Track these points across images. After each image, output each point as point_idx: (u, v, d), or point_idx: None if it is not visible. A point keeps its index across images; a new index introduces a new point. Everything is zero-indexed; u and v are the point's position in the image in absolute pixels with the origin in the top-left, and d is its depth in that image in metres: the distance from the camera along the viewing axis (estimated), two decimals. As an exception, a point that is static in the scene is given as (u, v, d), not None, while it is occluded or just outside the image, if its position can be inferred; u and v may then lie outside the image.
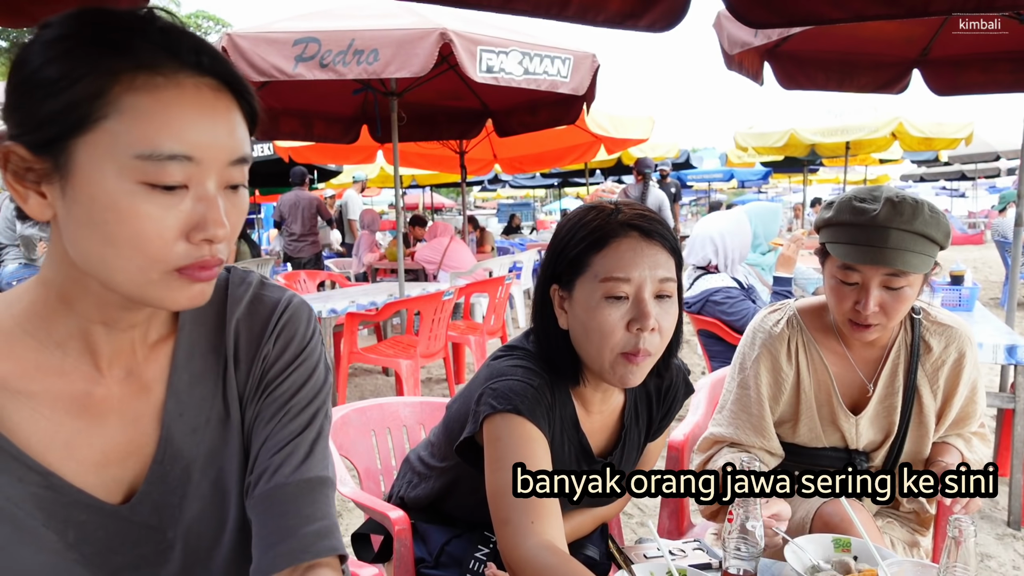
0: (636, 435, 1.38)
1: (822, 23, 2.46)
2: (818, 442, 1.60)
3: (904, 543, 1.58)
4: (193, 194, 0.68)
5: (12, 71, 0.67)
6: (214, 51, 0.70)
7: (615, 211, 1.16)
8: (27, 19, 2.01)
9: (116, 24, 0.67)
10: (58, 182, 0.67)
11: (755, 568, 1.07)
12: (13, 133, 0.67)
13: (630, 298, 1.12)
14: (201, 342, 0.85)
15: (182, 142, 0.66)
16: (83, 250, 0.68)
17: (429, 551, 1.41)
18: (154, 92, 0.66)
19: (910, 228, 1.39)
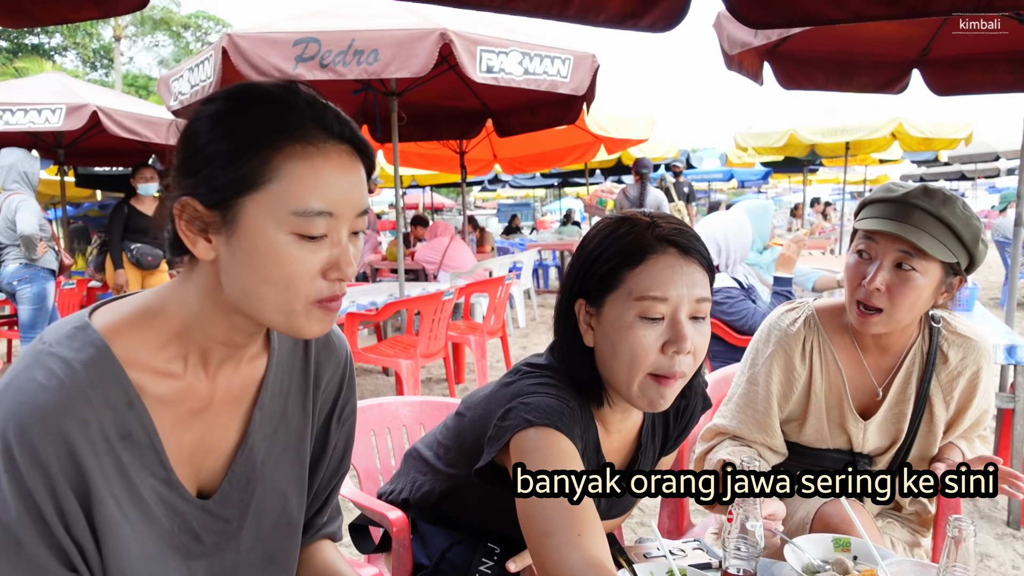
0: (651, 452, 1.35)
1: (822, 23, 2.46)
2: (823, 443, 1.59)
3: (904, 543, 1.59)
4: (330, 241, 0.83)
5: (186, 141, 0.82)
6: (348, 119, 0.84)
7: (651, 224, 1.10)
8: (27, 19, 2.01)
9: (272, 99, 0.81)
10: (224, 232, 0.80)
11: (755, 568, 1.07)
12: (188, 190, 0.80)
13: (666, 318, 1.07)
14: (289, 363, 1.00)
15: (327, 201, 0.81)
16: (241, 287, 0.82)
17: (429, 555, 1.39)
18: (308, 160, 0.80)
19: (935, 212, 1.38)
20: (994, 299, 8.72)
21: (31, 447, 0.75)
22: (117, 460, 0.81)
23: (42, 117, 5.59)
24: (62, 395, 0.77)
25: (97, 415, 0.79)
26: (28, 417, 0.75)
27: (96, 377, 0.79)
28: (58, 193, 8.26)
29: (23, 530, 0.75)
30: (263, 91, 0.82)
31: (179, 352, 0.86)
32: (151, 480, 0.85)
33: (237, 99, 0.82)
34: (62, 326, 0.84)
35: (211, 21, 31.11)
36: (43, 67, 22.55)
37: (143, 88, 26.20)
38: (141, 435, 0.83)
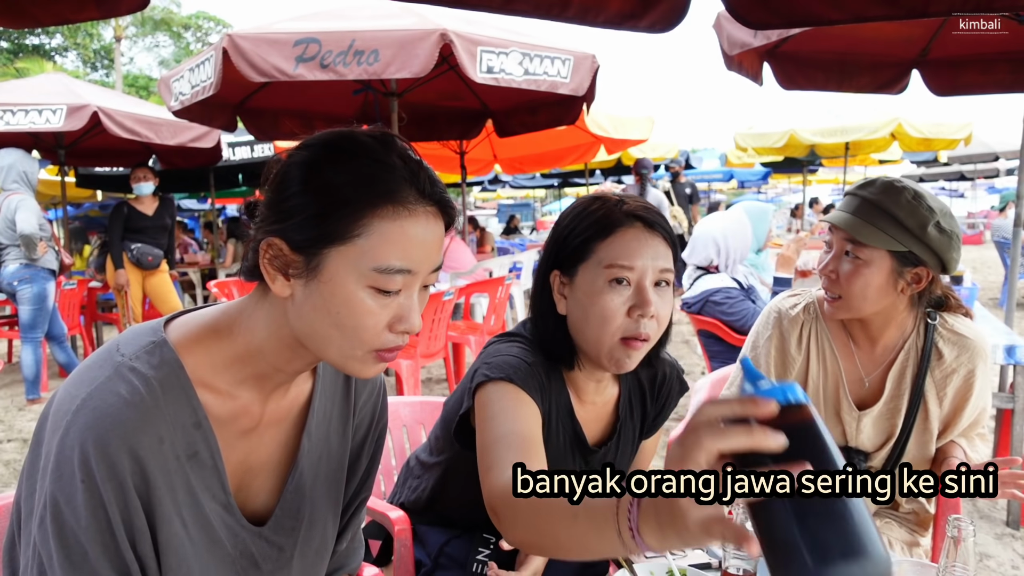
0: (631, 429, 1.39)
1: (821, 24, 2.46)
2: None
3: (903, 543, 1.59)
4: (403, 295, 0.84)
5: (280, 185, 0.83)
6: (436, 178, 0.86)
7: (619, 202, 1.20)
8: (28, 20, 2.01)
9: (372, 155, 0.82)
10: (304, 276, 0.82)
11: (755, 568, 1.08)
12: (279, 232, 0.82)
13: (632, 285, 1.16)
14: (332, 388, 1.02)
15: (408, 261, 0.82)
16: (311, 327, 0.84)
17: (427, 553, 1.41)
18: (398, 220, 0.81)
19: (875, 201, 1.44)
20: (994, 299, 8.72)
21: (109, 460, 0.76)
22: (186, 479, 0.83)
23: (43, 117, 5.59)
24: (143, 411, 0.79)
25: (171, 433, 0.81)
26: (109, 430, 0.76)
27: (171, 395, 0.81)
28: (58, 193, 8.26)
29: (90, 541, 0.76)
30: (360, 145, 0.83)
31: (240, 374, 0.88)
32: (213, 503, 0.86)
33: (334, 150, 0.83)
34: (139, 338, 0.85)
35: (211, 21, 31.12)
36: (44, 67, 22.56)
37: (144, 88, 26.20)
38: (206, 456, 0.85)
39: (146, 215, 5.80)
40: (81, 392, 0.79)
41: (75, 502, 0.76)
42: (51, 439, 0.79)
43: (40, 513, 0.78)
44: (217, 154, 6.95)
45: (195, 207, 16.42)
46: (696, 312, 3.40)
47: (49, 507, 0.77)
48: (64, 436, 0.77)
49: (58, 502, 0.76)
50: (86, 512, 0.76)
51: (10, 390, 5.63)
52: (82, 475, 0.76)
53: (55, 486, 0.77)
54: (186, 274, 8.93)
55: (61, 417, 0.79)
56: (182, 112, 4.61)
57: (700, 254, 3.42)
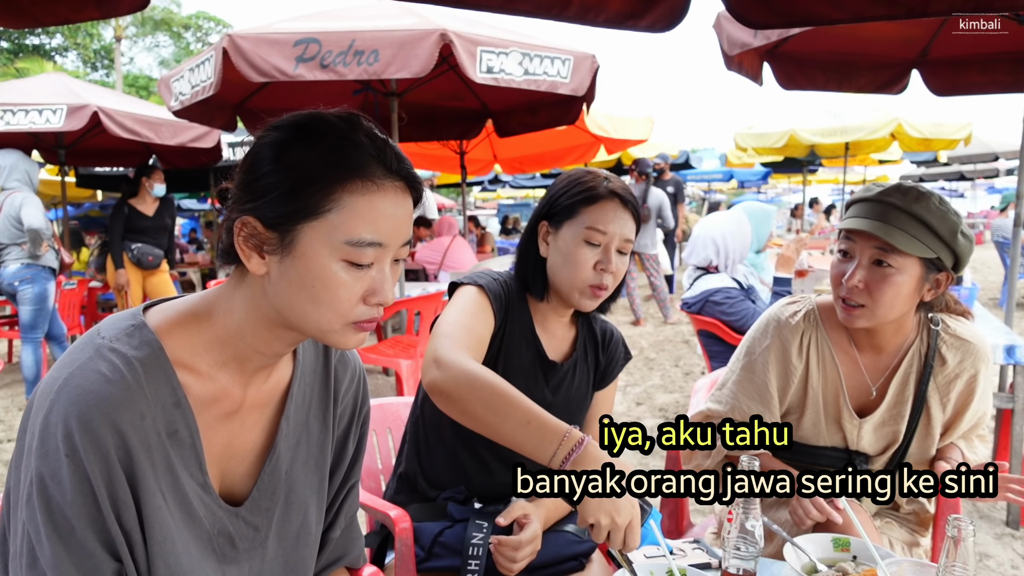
0: (586, 369, 1.61)
1: (821, 24, 2.46)
2: (820, 439, 1.59)
3: (903, 543, 1.59)
4: (375, 268, 0.88)
5: (251, 165, 0.87)
6: (402, 155, 0.90)
7: (606, 179, 1.48)
8: (28, 19, 2.01)
9: (338, 134, 0.86)
10: (279, 252, 0.85)
11: (755, 568, 1.08)
12: (250, 211, 0.85)
13: (601, 246, 1.44)
14: (312, 375, 1.04)
15: (379, 233, 0.86)
16: (288, 302, 0.87)
17: (422, 546, 1.44)
18: (367, 194, 0.85)
19: (908, 209, 1.41)
20: (993, 299, 8.72)
21: (93, 434, 0.78)
22: (166, 456, 0.85)
23: (43, 117, 5.59)
24: (124, 388, 0.81)
25: (151, 411, 0.83)
26: (92, 406, 0.79)
27: (151, 375, 0.83)
28: (59, 193, 8.26)
29: (76, 514, 0.78)
30: (328, 124, 0.87)
31: (220, 356, 0.90)
32: (191, 481, 0.89)
33: (303, 130, 0.87)
34: (118, 322, 0.88)
35: (211, 22, 31.12)
36: (44, 67, 22.56)
37: (144, 88, 26.20)
38: (185, 435, 0.87)
39: (146, 215, 5.80)
40: (63, 373, 0.82)
41: (60, 476, 0.78)
42: (35, 419, 0.81)
43: (27, 491, 0.80)
44: (217, 154, 6.95)
45: (195, 207, 16.42)
46: (696, 312, 3.40)
47: (35, 484, 0.79)
48: (48, 414, 0.79)
49: (44, 478, 0.78)
50: (71, 485, 0.78)
51: (10, 390, 5.63)
52: (66, 449, 0.78)
53: (40, 463, 0.79)
54: (186, 274, 8.93)
55: (44, 398, 0.81)
56: (182, 112, 4.61)
57: (699, 254, 3.42)
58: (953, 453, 1.56)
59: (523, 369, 1.50)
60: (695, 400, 2.00)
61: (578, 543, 1.48)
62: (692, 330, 3.71)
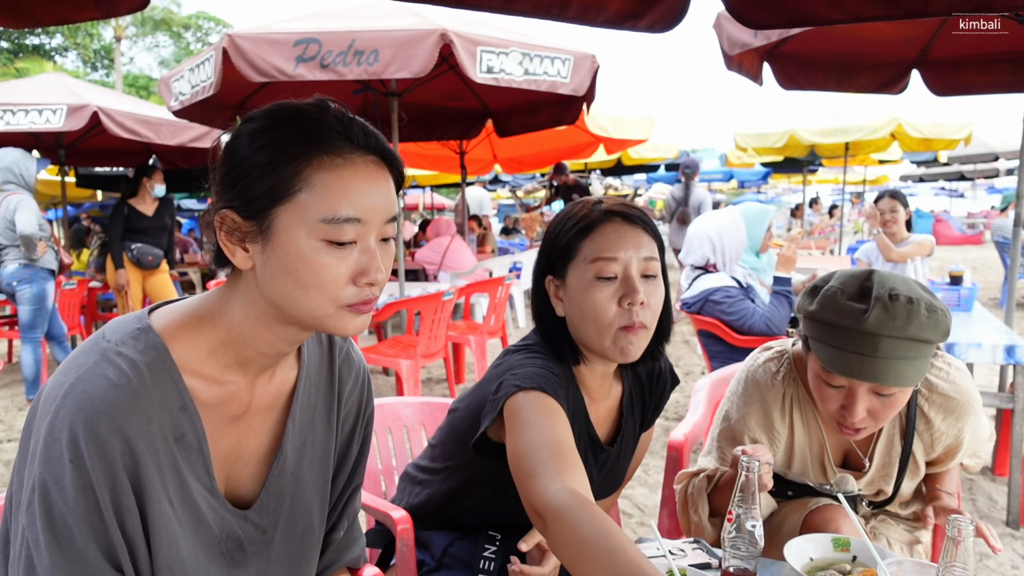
0: (632, 425, 1.44)
1: (821, 24, 2.46)
2: (809, 480, 1.56)
3: (903, 543, 1.59)
4: (359, 247, 0.86)
5: (226, 157, 0.86)
6: (374, 132, 0.89)
7: (598, 202, 1.27)
8: (28, 19, 2.02)
9: (303, 116, 0.86)
10: (260, 241, 0.84)
11: (755, 568, 1.08)
12: (227, 203, 0.85)
13: (619, 277, 1.21)
14: (316, 376, 1.03)
15: (355, 208, 0.84)
16: (278, 292, 0.85)
17: (432, 555, 1.41)
18: (335, 170, 0.84)
19: (903, 335, 1.23)
20: (993, 299, 8.73)
21: (98, 440, 0.77)
22: (173, 460, 0.84)
23: (43, 117, 5.60)
24: (130, 393, 0.80)
25: (158, 415, 0.82)
26: (98, 412, 0.78)
27: (157, 379, 0.83)
28: (58, 193, 8.26)
29: (77, 521, 0.77)
30: (297, 108, 0.87)
31: (225, 359, 0.90)
32: (198, 485, 0.88)
33: (273, 117, 0.86)
34: (124, 326, 0.87)
35: (211, 22, 31.12)
36: (44, 67, 22.56)
37: (144, 88, 26.19)
38: (192, 439, 0.86)
39: (146, 215, 5.80)
40: (68, 378, 0.80)
41: (63, 483, 0.77)
42: (39, 425, 0.80)
43: (28, 496, 0.78)
44: (217, 154, 6.94)
45: (195, 207, 16.42)
46: (696, 312, 3.40)
47: (37, 489, 0.77)
48: (53, 419, 0.78)
49: (46, 484, 0.77)
50: (74, 492, 0.77)
51: (10, 390, 5.64)
52: (70, 455, 0.77)
53: (43, 468, 0.77)
54: (186, 274, 8.93)
55: (49, 403, 0.80)
56: (182, 112, 4.61)
57: (696, 253, 3.42)
58: (948, 484, 1.54)
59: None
60: (695, 400, 2.00)
61: None
62: (692, 330, 3.71)
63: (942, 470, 1.55)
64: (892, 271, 4.32)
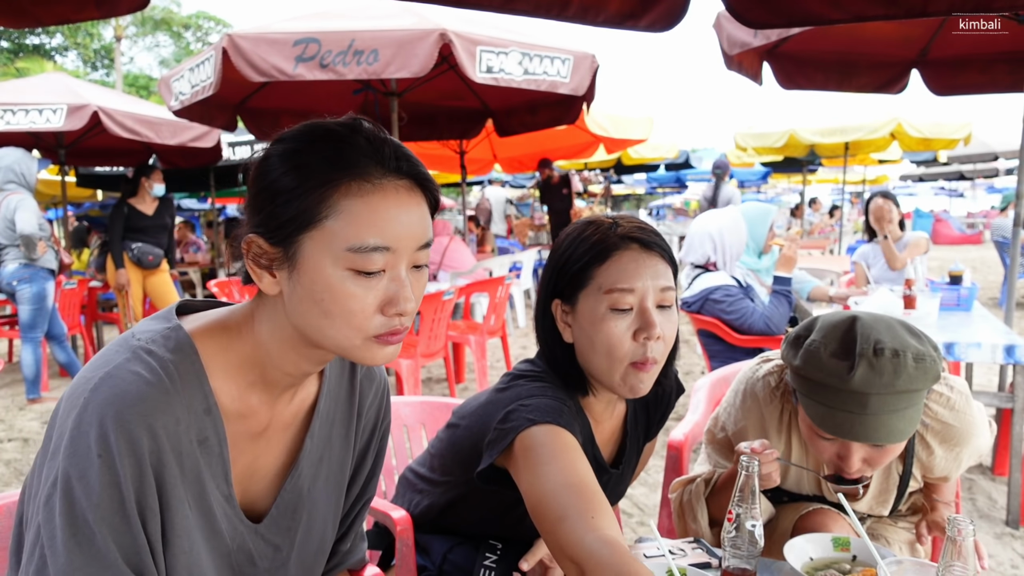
0: (637, 440, 1.41)
1: (821, 23, 2.46)
2: (804, 492, 1.56)
3: (903, 543, 1.59)
4: (388, 276, 0.83)
5: (255, 179, 0.84)
6: (407, 154, 0.85)
7: (614, 224, 1.19)
8: (28, 19, 2.02)
9: (333, 138, 0.82)
10: (286, 267, 0.82)
11: (755, 567, 1.08)
12: (255, 228, 0.83)
13: (634, 309, 1.14)
14: (336, 391, 1.01)
15: (383, 236, 0.80)
16: (304, 320, 0.83)
17: (432, 560, 1.40)
18: (364, 196, 0.80)
19: (891, 390, 1.19)
20: (993, 299, 8.73)
21: (129, 435, 0.75)
22: (196, 464, 0.83)
23: (43, 117, 5.59)
24: (161, 391, 0.79)
25: (185, 416, 0.81)
26: (129, 406, 0.76)
27: (186, 380, 0.81)
28: (58, 193, 8.26)
29: (99, 519, 0.74)
30: (326, 130, 0.84)
31: (249, 376, 0.88)
32: (216, 492, 0.86)
33: (302, 138, 0.84)
34: (153, 324, 0.86)
35: (211, 21, 31.12)
36: (44, 67, 22.57)
37: (144, 88, 26.20)
38: (214, 443, 0.84)
39: (146, 215, 5.80)
40: (98, 372, 0.79)
41: (88, 477, 0.74)
42: (65, 419, 0.77)
43: (47, 491, 0.75)
44: (217, 154, 6.95)
45: (195, 207, 16.42)
46: (696, 311, 3.40)
47: (60, 483, 0.74)
48: (81, 412, 0.76)
49: (70, 478, 0.74)
50: (99, 488, 0.74)
51: (10, 390, 5.63)
52: (99, 449, 0.74)
53: (68, 462, 0.74)
54: (186, 274, 8.93)
55: (77, 396, 0.78)
56: (182, 112, 4.61)
57: (697, 251, 3.42)
58: (946, 494, 1.53)
59: None
60: (695, 400, 2.00)
61: None
62: (692, 330, 3.71)
63: (940, 483, 1.55)
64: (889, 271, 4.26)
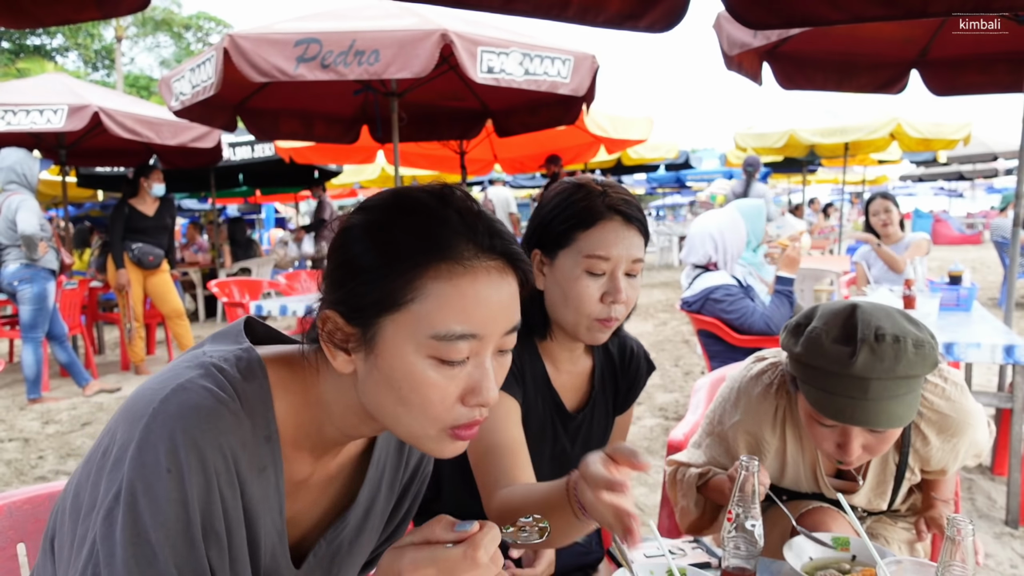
0: (604, 401, 1.47)
1: (821, 24, 2.47)
2: (802, 490, 1.56)
3: (903, 543, 1.59)
4: (472, 363, 0.77)
5: (335, 250, 0.79)
6: (500, 230, 0.79)
7: (602, 193, 1.27)
8: (29, 20, 2.02)
9: (422, 212, 0.77)
10: (363, 349, 0.76)
11: (754, 567, 1.08)
12: (333, 303, 0.77)
13: (606, 274, 1.26)
14: (387, 440, 0.97)
15: (471, 324, 0.75)
16: (377, 403, 0.78)
17: None
18: (453, 279, 0.74)
19: (892, 375, 1.22)
20: (992, 299, 8.73)
21: (200, 453, 0.71)
22: (253, 493, 0.78)
23: (44, 118, 5.60)
24: (233, 412, 0.75)
25: (251, 441, 0.77)
26: (201, 422, 0.72)
27: (255, 404, 0.78)
28: (59, 193, 8.26)
29: (163, 540, 0.69)
30: (415, 202, 0.78)
31: (308, 428, 0.83)
32: (269, 527, 0.81)
33: (389, 210, 0.78)
34: (224, 342, 0.83)
35: (212, 22, 31.13)
36: (45, 68, 22.59)
37: (144, 88, 26.21)
38: (271, 473, 0.80)
39: (147, 215, 5.81)
40: (170, 384, 0.74)
41: (155, 492, 0.69)
42: (130, 427, 0.72)
43: (108, 504, 0.70)
44: (218, 154, 6.95)
45: (196, 207, 16.43)
46: (696, 311, 3.41)
47: (124, 496, 0.69)
48: (151, 422, 0.71)
49: (135, 492, 0.69)
50: (167, 506, 0.69)
51: (11, 390, 5.64)
52: (168, 464, 0.69)
53: (135, 474, 0.69)
54: (187, 274, 8.94)
55: (145, 405, 0.73)
56: (183, 112, 4.61)
57: (698, 251, 3.43)
58: (944, 491, 1.53)
59: (541, 422, 1.37)
60: (695, 400, 2.01)
61: (586, 554, 1.46)
62: (692, 330, 3.71)
63: (938, 478, 1.55)
64: (889, 271, 4.27)
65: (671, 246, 15.57)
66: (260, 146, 8.44)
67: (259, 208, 18.45)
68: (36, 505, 1.16)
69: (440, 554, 0.68)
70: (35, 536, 1.16)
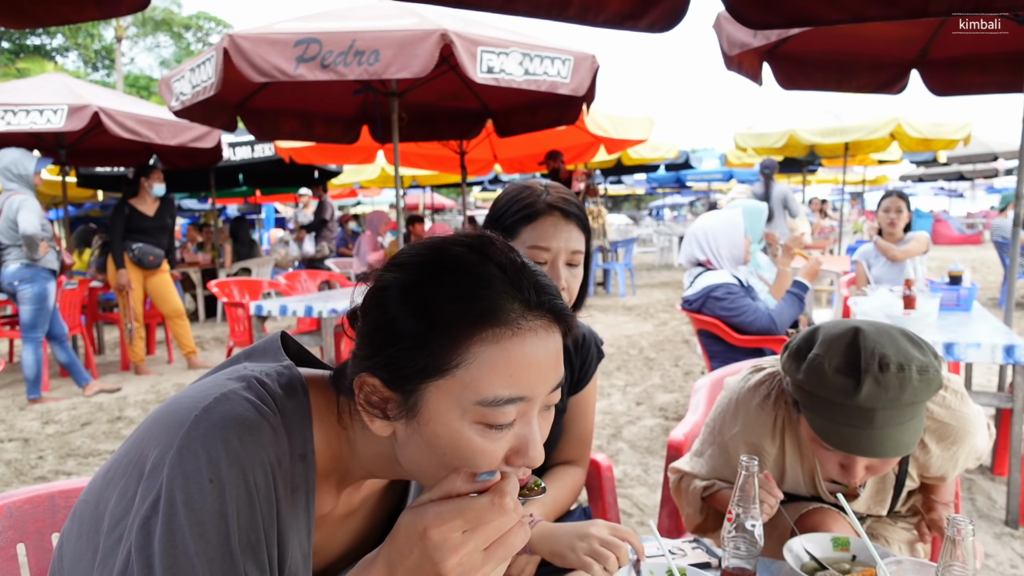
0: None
1: (821, 24, 2.47)
2: (802, 495, 1.56)
3: (903, 543, 1.59)
4: (519, 424, 0.75)
5: (370, 311, 0.75)
6: (545, 284, 0.75)
7: (544, 192, 1.41)
8: (29, 20, 2.02)
9: (463, 271, 0.73)
10: (404, 415, 0.73)
11: (754, 567, 1.08)
12: (371, 368, 0.73)
13: (548, 263, 1.38)
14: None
15: (519, 387, 0.72)
16: (417, 465, 0.76)
17: None
18: (500, 342, 0.71)
19: (897, 404, 1.20)
20: (992, 299, 8.73)
21: (241, 466, 0.69)
22: (287, 512, 0.75)
23: (44, 118, 5.60)
24: (274, 427, 0.73)
25: (286, 458, 0.75)
26: (243, 434, 0.70)
27: (291, 421, 0.76)
28: (59, 193, 8.27)
29: (201, 553, 0.67)
30: (456, 261, 0.74)
31: (335, 453, 0.81)
32: (296, 549, 0.77)
33: (429, 269, 0.73)
34: (265, 356, 0.83)
35: (212, 22, 31.14)
36: (45, 68, 22.60)
37: (144, 89, 26.22)
38: (302, 493, 0.77)
39: (147, 215, 5.81)
40: (212, 393, 0.73)
41: (195, 503, 0.67)
42: (169, 435, 0.70)
43: (145, 513, 0.67)
44: (218, 154, 6.96)
45: (196, 207, 16.43)
46: (696, 310, 3.41)
47: (163, 506, 0.67)
48: (192, 430, 0.69)
49: (175, 502, 0.67)
50: (208, 518, 0.67)
51: (11, 390, 5.64)
52: (210, 474, 0.67)
53: (175, 483, 0.67)
54: (187, 274, 8.94)
55: (186, 413, 0.71)
56: (183, 112, 4.61)
57: (685, 252, 3.48)
58: (944, 495, 1.53)
59: None
60: (695, 400, 2.01)
61: None
62: (692, 330, 3.72)
63: (938, 484, 1.55)
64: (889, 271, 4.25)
65: (671, 246, 15.58)
66: (260, 146, 8.44)
67: (259, 208, 18.46)
68: (36, 505, 1.16)
69: (466, 504, 0.67)
70: (35, 536, 1.16)
